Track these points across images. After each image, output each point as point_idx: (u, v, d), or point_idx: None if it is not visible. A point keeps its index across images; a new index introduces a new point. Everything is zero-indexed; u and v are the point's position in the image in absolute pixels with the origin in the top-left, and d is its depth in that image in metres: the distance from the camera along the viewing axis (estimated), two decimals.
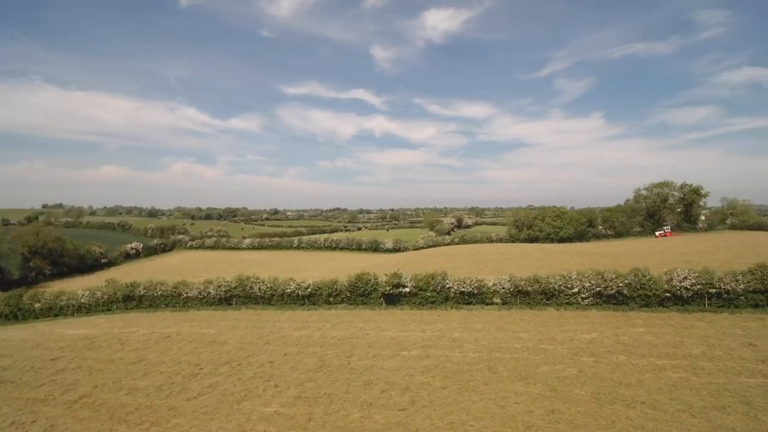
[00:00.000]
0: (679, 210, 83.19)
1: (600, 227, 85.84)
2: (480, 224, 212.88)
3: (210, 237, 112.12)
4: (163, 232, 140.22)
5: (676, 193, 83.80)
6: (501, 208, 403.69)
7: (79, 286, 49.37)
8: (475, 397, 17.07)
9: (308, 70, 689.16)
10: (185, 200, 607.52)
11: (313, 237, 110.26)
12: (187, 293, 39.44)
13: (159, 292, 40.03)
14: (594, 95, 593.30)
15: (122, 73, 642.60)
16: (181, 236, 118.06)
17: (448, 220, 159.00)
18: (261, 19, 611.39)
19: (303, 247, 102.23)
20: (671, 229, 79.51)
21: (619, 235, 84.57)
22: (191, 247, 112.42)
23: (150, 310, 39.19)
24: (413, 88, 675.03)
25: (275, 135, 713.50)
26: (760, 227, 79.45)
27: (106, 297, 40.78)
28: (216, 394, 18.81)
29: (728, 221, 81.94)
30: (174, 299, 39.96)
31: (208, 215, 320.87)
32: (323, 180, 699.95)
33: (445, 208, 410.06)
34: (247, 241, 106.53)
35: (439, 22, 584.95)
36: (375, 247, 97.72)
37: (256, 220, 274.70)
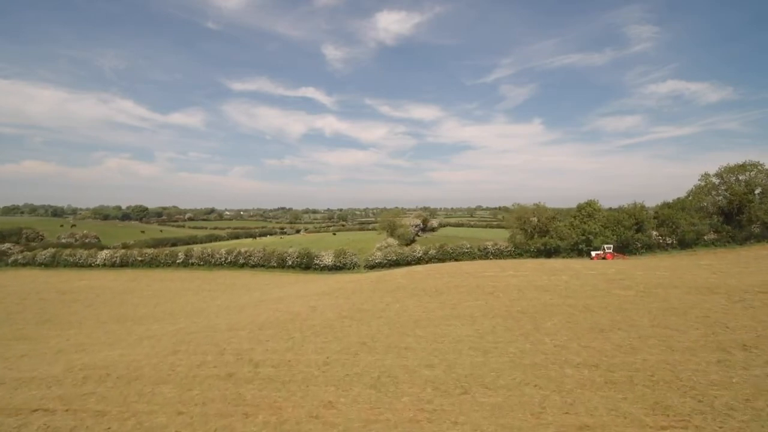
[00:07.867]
0: None
1: (654, 232, 56.17)
2: (444, 225, 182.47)
3: (46, 250, 71.31)
4: (4, 239, 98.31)
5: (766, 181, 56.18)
6: (452, 208, 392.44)
7: None
8: None
9: (256, 66, 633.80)
10: (120, 199, 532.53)
11: (210, 247, 72.56)
12: None
13: None
14: (535, 102, 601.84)
15: (49, 60, 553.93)
16: (7, 246, 76.16)
17: (410, 221, 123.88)
18: (206, 10, 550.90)
19: (192, 264, 64.72)
20: (615, 250, 52.11)
21: (683, 244, 55.32)
22: (16, 264, 71.32)
23: None
24: (364, 89, 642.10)
25: (220, 132, 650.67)
26: None
27: None
28: None
29: None
30: None
31: (126, 215, 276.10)
32: (271, 179, 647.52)
33: (396, 207, 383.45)
34: (105, 254, 67.27)
35: (391, 24, 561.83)
36: (307, 264, 62.41)
37: (177, 221, 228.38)
